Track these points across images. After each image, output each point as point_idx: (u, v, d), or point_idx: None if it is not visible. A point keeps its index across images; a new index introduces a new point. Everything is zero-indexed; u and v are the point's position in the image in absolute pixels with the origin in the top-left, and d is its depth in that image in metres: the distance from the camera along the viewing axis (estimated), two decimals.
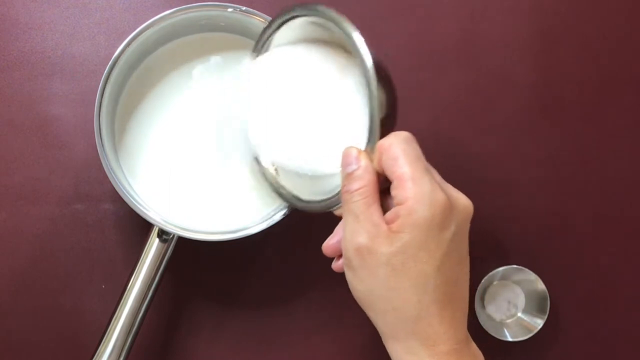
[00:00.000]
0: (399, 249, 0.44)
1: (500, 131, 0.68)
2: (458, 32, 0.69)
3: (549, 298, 0.65)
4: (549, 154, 0.69)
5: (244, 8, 0.59)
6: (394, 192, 0.45)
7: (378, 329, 0.48)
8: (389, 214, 0.45)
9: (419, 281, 0.44)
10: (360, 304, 0.48)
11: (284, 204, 0.58)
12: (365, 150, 0.46)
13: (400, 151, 0.44)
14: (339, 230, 0.50)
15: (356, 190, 0.45)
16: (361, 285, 0.46)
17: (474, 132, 0.68)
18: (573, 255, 0.68)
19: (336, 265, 0.51)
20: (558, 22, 0.69)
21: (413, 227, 0.43)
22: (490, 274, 0.65)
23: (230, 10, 0.59)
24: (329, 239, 0.51)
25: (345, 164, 0.47)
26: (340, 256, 0.49)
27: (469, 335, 0.48)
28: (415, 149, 0.45)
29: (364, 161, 0.46)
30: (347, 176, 0.46)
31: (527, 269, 0.66)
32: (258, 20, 0.59)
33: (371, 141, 0.46)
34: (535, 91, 0.69)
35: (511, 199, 0.68)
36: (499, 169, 0.68)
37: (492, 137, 0.68)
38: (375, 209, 0.45)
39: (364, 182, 0.45)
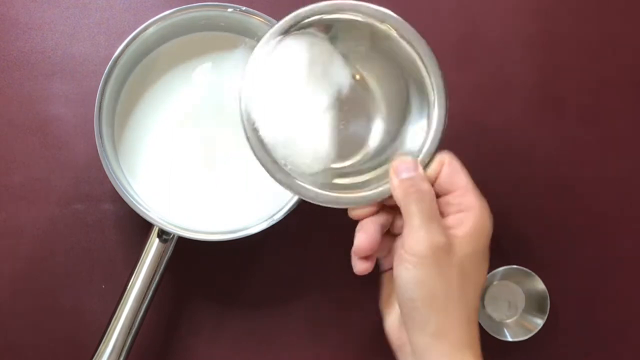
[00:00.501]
0: (471, 253, 0.47)
1: (500, 131, 0.68)
2: (458, 33, 0.69)
3: (549, 298, 0.65)
4: (548, 153, 0.69)
5: (244, 8, 0.59)
6: (456, 200, 0.48)
7: (419, 330, 0.47)
8: (450, 220, 0.48)
9: (477, 287, 0.48)
10: (410, 304, 0.47)
11: (284, 203, 0.58)
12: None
13: (460, 165, 0.49)
14: (369, 231, 0.50)
15: (426, 191, 0.48)
16: (425, 284, 0.47)
17: (474, 132, 0.68)
18: (573, 255, 0.68)
19: (364, 267, 0.50)
20: (558, 22, 0.69)
21: (481, 235, 0.48)
22: (490, 274, 0.66)
23: (230, 10, 0.59)
24: (362, 240, 0.50)
25: (402, 169, 0.49)
26: (366, 258, 0.50)
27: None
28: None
29: (421, 169, 0.49)
30: (410, 179, 0.48)
31: (527, 269, 0.66)
32: (258, 20, 0.59)
33: (428, 152, 0.51)
34: (535, 91, 0.69)
35: (511, 199, 0.68)
36: (499, 169, 0.68)
37: (491, 137, 0.68)
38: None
39: (429, 187, 0.48)
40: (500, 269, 0.66)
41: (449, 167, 0.49)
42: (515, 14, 0.69)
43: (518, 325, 0.67)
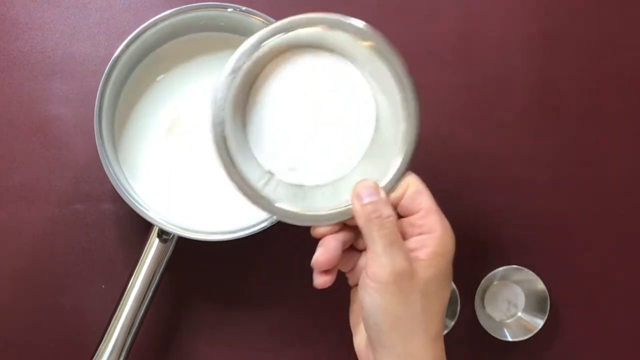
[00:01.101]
0: (433, 276, 0.47)
1: (500, 131, 0.68)
2: (458, 32, 0.69)
3: (549, 298, 0.65)
4: (549, 153, 0.69)
5: (244, 8, 0.59)
6: (419, 221, 0.48)
7: (385, 353, 0.48)
8: (412, 242, 0.48)
9: (441, 307, 0.48)
10: (375, 328, 0.47)
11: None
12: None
13: (424, 187, 0.49)
14: (329, 246, 0.50)
15: (388, 217, 0.48)
16: (389, 310, 0.47)
17: (474, 132, 0.68)
18: (573, 255, 0.68)
19: (322, 280, 0.50)
20: (558, 22, 0.69)
21: (443, 257, 0.48)
22: (490, 274, 0.66)
23: (230, 10, 0.59)
24: (321, 254, 0.50)
25: (364, 194, 0.49)
26: (326, 272, 0.50)
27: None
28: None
29: (383, 193, 0.49)
30: (373, 204, 0.48)
31: (527, 269, 0.66)
32: (258, 20, 0.59)
33: (395, 176, 0.50)
34: (535, 91, 0.69)
35: (511, 199, 0.68)
36: (499, 169, 0.68)
37: (492, 137, 0.68)
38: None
39: (391, 212, 0.48)
40: (500, 269, 0.66)
41: (412, 188, 0.49)
42: (515, 14, 0.69)
43: (518, 325, 0.67)
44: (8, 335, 0.64)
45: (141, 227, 0.59)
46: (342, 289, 0.66)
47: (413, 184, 0.49)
